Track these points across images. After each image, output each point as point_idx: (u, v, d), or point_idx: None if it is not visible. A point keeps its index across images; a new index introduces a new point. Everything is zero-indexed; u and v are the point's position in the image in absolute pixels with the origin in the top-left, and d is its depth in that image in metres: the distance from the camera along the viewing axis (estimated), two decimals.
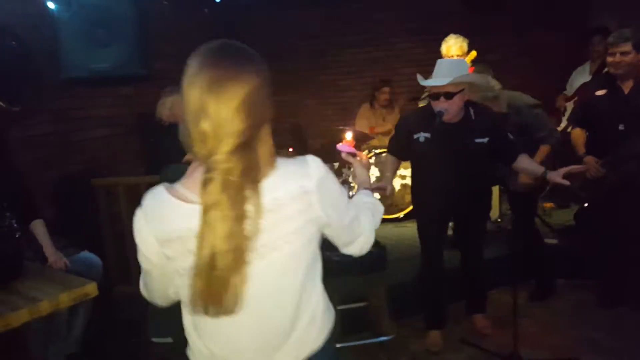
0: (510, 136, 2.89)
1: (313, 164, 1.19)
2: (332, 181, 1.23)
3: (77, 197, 3.55)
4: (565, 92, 4.98)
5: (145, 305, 1.44)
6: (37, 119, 3.37)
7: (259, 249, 1.11)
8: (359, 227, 1.33)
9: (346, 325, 3.00)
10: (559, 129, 4.98)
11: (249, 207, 1.06)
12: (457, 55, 3.82)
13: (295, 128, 6.22)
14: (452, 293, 3.42)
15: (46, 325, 2.50)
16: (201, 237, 1.05)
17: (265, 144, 1.12)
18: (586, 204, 3.92)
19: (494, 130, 2.78)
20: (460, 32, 3.95)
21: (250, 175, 1.07)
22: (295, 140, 6.01)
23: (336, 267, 2.74)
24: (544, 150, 3.27)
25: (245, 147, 1.06)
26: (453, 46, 3.84)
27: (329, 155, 3.15)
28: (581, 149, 3.29)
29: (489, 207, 3.42)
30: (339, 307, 2.86)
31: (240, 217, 1.05)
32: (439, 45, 3.97)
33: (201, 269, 1.06)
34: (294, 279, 1.19)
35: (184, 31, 4.35)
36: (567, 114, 4.81)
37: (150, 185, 1.21)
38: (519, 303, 2.79)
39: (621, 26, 3.45)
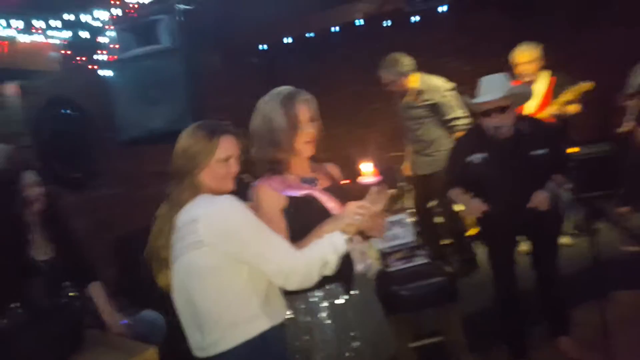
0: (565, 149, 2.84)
1: (219, 199, 1.61)
2: (231, 215, 1.58)
3: (138, 255, 3.65)
4: (626, 90, 4.72)
5: None
6: (98, 182, 3.52)
7: (175, 252, 1.64)
8: (271, 261, 1.58)
9: None
10: (623, 129, 4.72)
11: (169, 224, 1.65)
12: (526, 62, 3.78)
13: (346, 158, 6.20)
14: (532, 317, 3.26)
15: None
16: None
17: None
18: None
19: (551, 140, 2.77)
20: (507, 44, 3.88)
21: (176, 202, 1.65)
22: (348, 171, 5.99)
23: (405, 302, 2.67)
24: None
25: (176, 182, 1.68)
26: (521, 53, 3.82)
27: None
28: None
29: (560, 220, 3.25)
30: (412, 345, 2.79)
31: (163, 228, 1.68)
32: (487, 61, 3.91)
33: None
34: (190, 282, 1.62)
35: (236, 82, 4.48)
36: (631, 113, 4.56)
37: None
38: (608, 321, 2.58)
39: None
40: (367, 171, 1.74)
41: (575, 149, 4.93)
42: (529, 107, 3.70)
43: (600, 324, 2.57)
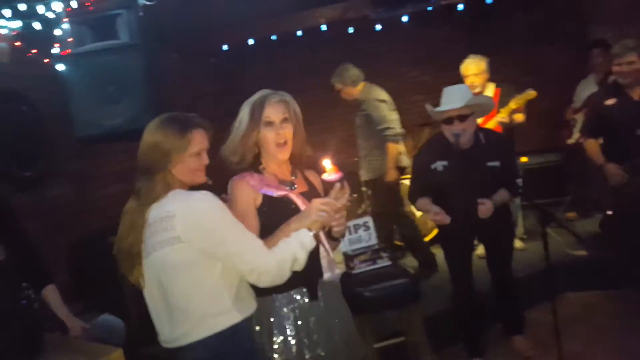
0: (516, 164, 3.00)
1: (195, 195, 1.61)
2: (208, 212, 1.59)
3: (95, 257, 3.50)
4: (573, 104, 4.97)
5: None
6: (51, 182, 3.37)
7: (147, 248, 1.62)
8: (245, 260, 1.60)
9: None
10: (571, 141, 4.97)
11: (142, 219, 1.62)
12: (474, 74, 3.88)
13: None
14: (488, 317, 3.35)
15: None
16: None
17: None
18: (609, 212, 3.88)
19: (506, 154, 2.90)
20: (463, 56, 4.00)
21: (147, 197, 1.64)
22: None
23: (368, 303, 2.69)
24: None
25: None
26: (470, 65, 3.90)
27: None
28: (599, 158, 3.33)
29: (511, 227, 3.38)
30: (376, 345, 2.81)
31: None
32: (445, 71, 4.02)
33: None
34: (164, 277, 1.62)
35: (195, 81, 4.40)
36: (578, 125, 4.81)
37: None
38: (559, 320, 2.67)
39: (618, 38, 3.52)
40: (329, 168, 1.76)
41: (525, 159, 5.16)
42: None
43: (552, 323, 2.65)
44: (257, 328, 1.83)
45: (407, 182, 3.86)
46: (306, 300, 1.87)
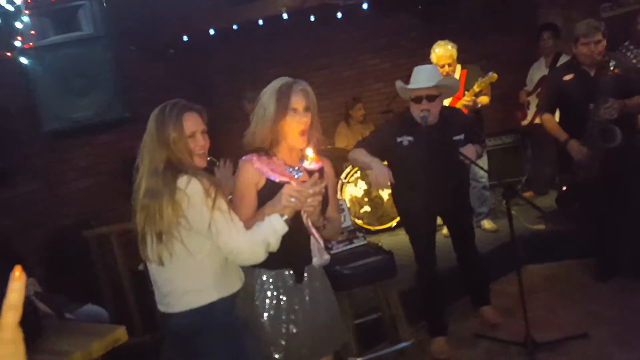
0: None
1: (183, 179, 1.68)
2: (206, 198, 1.67)
3: (69, 251, 3.47)
4: (526, 87, 5.21)
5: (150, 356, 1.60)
6: (19, 178, 3.30)
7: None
8: (225, 239, 1.70)
9: (365, 338, 3.03)
10: (525, 122, 5.22)
11: None
12: (448, 64, 3.99)
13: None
14: (455, 291, 3.53)
15: None
16: None
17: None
18: (564, 187, 4.13)
19: (467, 126, 3.00)
20: (420, 44, 4.10)
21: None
22: None
23: (347, 280, 2.78)
24: None
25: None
26: (443, 55, 3.99)
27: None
28: (562, 134, 3.39)
29: (469, 204, 3.50)
30: (356, 322, 2.92)
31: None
32: (403, 57, 4.11)
33: None
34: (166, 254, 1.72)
35: (154, 74, 4.36)
36: (532, 107, 5.05)
37: None
38: (523, 290, 2.83)
39: (566, 22, 3.71)
40: (310, 156, 1.82)
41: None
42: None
43: (517, 293, 2.83)
44: (241, 304, 1.90)
45: None
46: (291, 282, 1.95)
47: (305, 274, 2.00)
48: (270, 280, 1.95)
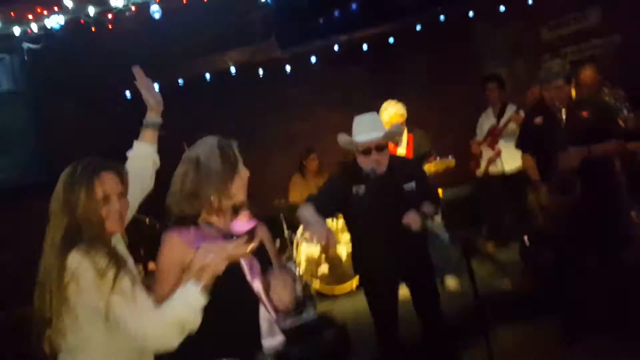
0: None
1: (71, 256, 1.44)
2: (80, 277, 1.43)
3: None
4: (476, 137, 5.17)
5: None
6: None
7: None
8: (126, 324, 1.46)
9: None
10: (480, 171, 5.13)
11: None
12: (395, 117, 3.97)
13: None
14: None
15: None
16: None
17: None
18: (526, 238, 3.99)
19: (417, 175, 2.91)
20: (369, 97, 4.08)
21: None
22: None
23: None
24: None
25: None
26: (395, 114, 3.98)
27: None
28: (535, 175, 3.31)
29: (432, 265, 3.26)
30: None
31: None
32: (358, 110, 4.01)
33: None
34: None
35: (96, 131, 4.07)
36: (485, 156, 4.99)
37: None
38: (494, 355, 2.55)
39: (510, 72, 3.74)
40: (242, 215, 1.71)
41: (439, 192, 5.27)
42: None
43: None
44: None
45: None
46: None
47: None
48: None
